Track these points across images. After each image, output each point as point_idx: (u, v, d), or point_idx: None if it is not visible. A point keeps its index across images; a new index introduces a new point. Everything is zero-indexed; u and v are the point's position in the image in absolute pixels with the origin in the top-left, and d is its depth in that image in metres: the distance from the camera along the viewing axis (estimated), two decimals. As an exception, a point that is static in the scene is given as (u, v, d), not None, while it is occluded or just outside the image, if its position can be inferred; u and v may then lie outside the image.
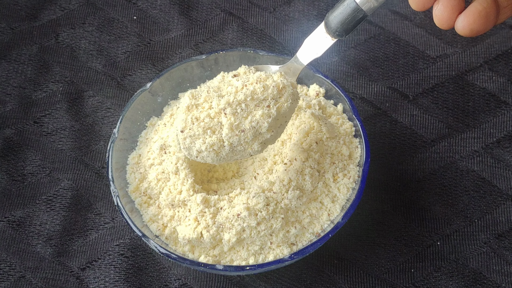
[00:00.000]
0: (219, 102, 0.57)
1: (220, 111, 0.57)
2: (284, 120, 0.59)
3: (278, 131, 0.59)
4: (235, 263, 0.60)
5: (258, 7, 0.84)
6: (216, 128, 0.57)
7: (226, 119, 0.57)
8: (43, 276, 0.65)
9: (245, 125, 0.57)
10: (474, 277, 0.64)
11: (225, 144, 0.57)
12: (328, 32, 0.58)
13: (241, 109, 0.57)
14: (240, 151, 0.58)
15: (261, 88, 0.58)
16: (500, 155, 0.71)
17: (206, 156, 0.58)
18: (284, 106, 0.58)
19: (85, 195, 0.70)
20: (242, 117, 0.57)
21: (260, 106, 0.57)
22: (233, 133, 0.57)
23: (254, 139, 0.57)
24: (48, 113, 0.76)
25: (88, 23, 0.84)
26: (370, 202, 0.68)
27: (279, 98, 0.58)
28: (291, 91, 0.59)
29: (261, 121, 0.57)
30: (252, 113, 0.57)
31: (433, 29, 0.81)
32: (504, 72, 0.77)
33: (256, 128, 0.57)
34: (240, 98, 0.57)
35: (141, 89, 0.67)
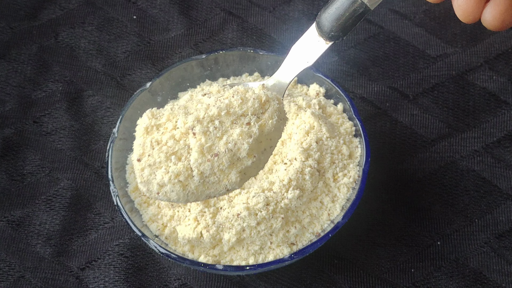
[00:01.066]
0: (186, 119, 0.46)
1: (187, 131, 0.46)
2: (269, 143, 0.49)
3: (262, 158, 0.49)
4: (235, 263, 0.60)
5: (257, 6, 0.84)
6: (182, 153, 0.46)
7: (195, 140, 0.46)
8: (42, 276, 0.65)
9: (219, 147, 0.46)
10: (475, 277, 0.64)
11: (194, 173, 0.46)
12: (321, 34, 0.48)
13: (214, 127, 0.46)
14: (214, 183, 0.47)
15: (238, 101, 0.47)
16: (501, 155, 0.71)
17: (170, 191, 0.47)
18: (269, 124, 0.48)
19: (84, 195, 0.70)
20: (216, 137, 0.46)
21: (237, 123, 0.46)
22: (204, 158, 0.46)
23: (231, 166, 0.46)
24: (48, 112, 0.76)
25: (88, 23, 0.83)
26: (370, 202, 0.67)
27: (262, 114, 0.48)
28: (276, 106, 0.49)
29: (239, 142, 0.46)
30: (228, 132, 0.46)
31: (433, 29, 0.81)
32: (504, 71, 0.77)
33: (234, 152, 0.46)
34: (213, 113, 0.47)
35: (141, 89, 0.67)
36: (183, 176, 0.46)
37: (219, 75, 0.71)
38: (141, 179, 0.48)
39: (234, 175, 0.47)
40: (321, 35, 0.48)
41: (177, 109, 0.48)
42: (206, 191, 0.47)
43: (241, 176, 0.47)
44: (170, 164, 0.46)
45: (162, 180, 0.47)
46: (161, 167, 0.47)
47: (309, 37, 0.49)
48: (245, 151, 0.46)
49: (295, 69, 0.51)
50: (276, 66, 0.69)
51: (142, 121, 0.50)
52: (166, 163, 0.47)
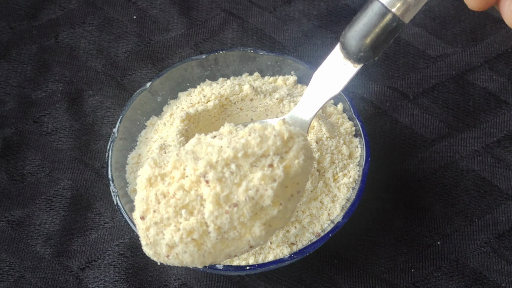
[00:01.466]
0: (196, 165, 0.39)
1: (198, 179, 0.39)
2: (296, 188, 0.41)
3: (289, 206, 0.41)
4: (235, 262, 0.59)
5: (258, 6, 0.84)
6: (194, 206, 0.39)
7: (208, 189, 0.38)
8: (42, 276, 0.65)
9: (238, 195, 0.38)
10: (475, 277, 0.64)
11: (210, 228, 0.38)
12: (347, 56, 0.42)
13: (230, 172, 0.38)
14: (234, 240, 0.39)
15: (257, 139, 0.39)
16: (501, 155, 0.71)
17: (182, 253, 0.39)
18: (295, 165, 0.40)
19: (84, 194, 0.70)
20: (233, 184, 0.38)
21: (258, 165, 0.39)
22: (221, 210, 0.38)
23: (253, 217, 0.39)
24: (48, 112, 0.76)
25: (88, 23, 0.83)
26: (370, 202, 0.67)
27: (286, 154, 0.40)
28: (302, 143, 0.41)
29: (262, 188, 0.38)
30: (247, 177, 0.39)
31: (433, 29, 0.81)
32: (504, 71, 0.77)
33: (256, 200, 0.38)
34: (228, 155, 0.39)
35: (141, 89, 0.67)
36: (197, 233, 0.39)
37: (219, 75, 0.71)
38: (146, 241, 0.41)
39: (258, 228, 0.39)
40: (347, 57, 0.42)
41: (184, 155, 0.41)
42: (226, 249, 0.40)
43: (266, 228, 0.39)
44: (181, 220, 0.39)
45: (172, 239, 0.39)
46: (170, 225, 0.39)
47: (334, 61, 0.43)
48: (270, 198, 0.38)
49: (319, 100, 0.44)
50: (276, 66, 0.69)
51: (144, 171, 0.42)
52: (175, 219, 0.39)
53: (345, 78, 0.43)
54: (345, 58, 0.42)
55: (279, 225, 0.41)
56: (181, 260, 0.40)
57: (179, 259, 0.39)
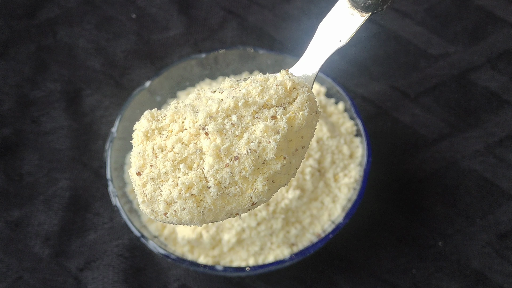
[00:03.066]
0: (195, 117, 0.37)
1: (198, 132, 0.37)
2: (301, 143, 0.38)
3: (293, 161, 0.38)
4: (235, 263, 0.59)
5: (257, 5, 0.84)
6: (193, 160, 0.36)
7: (208, 142, 0.36)
8: (41, 277, 0.65)
9: (240, 148, 0.36)
10: (476, 277, 0.64)
11: (210, 183, 0.36)
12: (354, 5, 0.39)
13: (231, 124, 0.36)
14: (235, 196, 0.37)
15: (258, 88, 0.37)
16: (503, 155, 0.71)
17: (181, 210, 0.36)
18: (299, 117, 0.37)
19: (83, 195, 0.69)
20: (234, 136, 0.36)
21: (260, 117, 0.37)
22: (221, 163, 0.36)
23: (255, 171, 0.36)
24: (46, 112, 0.75)
25: (86, 22, 0.83)
26: (371, 202, 0.67)
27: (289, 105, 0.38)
28: (306, 95, 0.38)
29: (264, 140, 0.36)
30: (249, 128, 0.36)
31: (435, 27, 0.80)
32: (506, 71, 0.77)
33: (258, 153, 0.36)
34: (228, 105, 0.37)
35: (140, 88, 0.67)
36: (196, 188, 0.36)
37: (219, 74, 0.70)
38: (143, 198, 0.38)
39: (260, 183, 0.36)
40: (354, 5, 0.39)
41: (183, 107, 0.38)
42: (227, 206, 0.37)
43: (269, 184, 0.36)
44: (179, 175, 0.36)
45: (170, 195, 0.36)
46: (167, 180, 0.37)
47: (339, 11, 0.40)
48: (273, 151, 0.36)
49: (325, 52, 0.40)
50: (276, 65, 0.69)
51: (140, 125, 0.40)
52: (173, 174, 0.37)
53: (352, 28, 0.40)
54: (352, 7, 0.40)
55: (283, 182, 0.38)
56: (179, 218, 0.37)
57: (178, 216, 0.37)
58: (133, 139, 0.39)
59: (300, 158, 0.38)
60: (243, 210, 0.37)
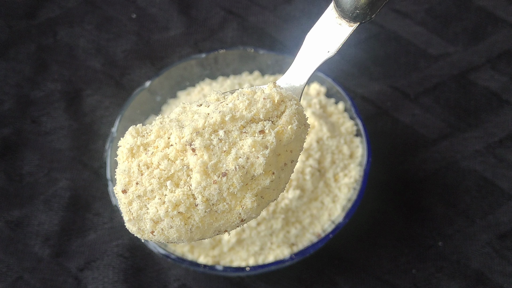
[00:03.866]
0: (181, 133, 0.36)
1: (184, 148, 0.36)
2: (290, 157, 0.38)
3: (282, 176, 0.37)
4: (235, 263, 0.59)
5: (258, 5, 0.84)
6: (180, 177, 0.36)
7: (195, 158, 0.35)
8: (41, 277, 0.65)
9: (228, 164, 0.35)
10: (476, 277, 0.64)
11: (197, 200, 0.35)
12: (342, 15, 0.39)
13: (218, 139, 0.35)
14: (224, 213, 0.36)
15: (245, 102, 0.37)
16: (503, 155, 0.71)
17: (168, 228, 0.36)
18: (288, 131, 0.36)
19: (83, 195, 0.69)
20: (221, 152, 0.35)
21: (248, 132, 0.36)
22: (209, 180, 0.35)
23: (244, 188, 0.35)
24: (46, 112, 0.75)
25: (87, 22, 0.83)
26: (371, 202, 0.67)
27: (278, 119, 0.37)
28: (294, 108, 0.38)
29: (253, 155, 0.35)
30: (236, 144, 0.36)
31: (435, 28, 0.80)
32: (506, 71, 0.77)
33: (246, 169, 0.35)
34: (215, 120, 0.36)
35: (140, 88, 0.67)
36: (183, 206, 0.35)
37: (219, 74, 0.70)
38: (129, 216, 0.36)
39: (249, 199, 0.36)
40: (342, 15, 0.39)
41: (168, 122, 0.37)
42: (215, 223, 0.36)
43: (258, 200, 0.36)
44: (166, 192, 0.36)
45: (157, 214, 0.35)
46: (154, 197, 0.36)
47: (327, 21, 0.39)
48: (261, 166, 0.35)
49: (313, 63, 0.40)
50: (276, 65, 0.69)
51: (125, 141, 0.38)
52: (160, 192, 0.36)
53: (340, 39, 0.39)
54: (340, 17, 0.39)
55: (272, 197, 0.37)
56: (167, 236, 0.36)
57: (165, 235, 0.36)
58: (118, 155, 0.38)
59: (289, 172, 0.38)
60: (232, 227, 0.36)
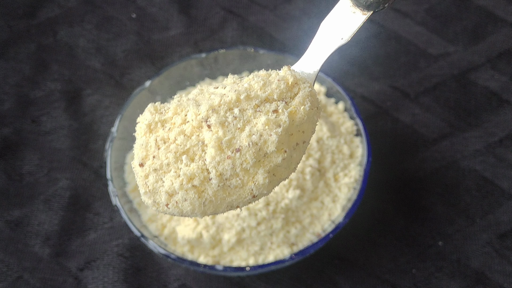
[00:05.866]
0: (197, 110, 0.38)
1: (200, 124, 0.38)
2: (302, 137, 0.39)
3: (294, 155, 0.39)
4: (235, 263, 0.59)
5: (258, 5, 0.84)
6: (195, 152, 0.38)
7: (210, 134, 0.37)
8: (41, 277, 0.65)
9: (241, 140, 0.37)
10: (476, 277, 0.64)
11: (211, 175, 0.37)
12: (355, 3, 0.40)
13: (233, 117, 0.37)
14: (236, 188, 0.38)
15: (260, 83, 0.39)
16: (503, 155, 0.71)
17: (182, 201, 0.37)
18: (300, 112, 0.38)
19: (83, 194, 0.69)
20: (236, 129, 0.37)
21: (262, 110, 0.38)
22: (223, 155, 0.37)
23: (257, 164, 0.37)
24: (46, 112, 0.75)
25: (87, 21, 0.83)
26: (371, 202, 0.67)
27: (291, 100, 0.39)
28: (308, 90, 0.40)
29: (266, 133, 0.37)
30: (250, 122, 0.37)
31: (435, 27, 0.80)
32: (506, 70, 0.77)
33: (259, 146, 0.37)
34: (230, 99, 0.38)
35: (140, 88, 0.67)
36: (198, 179, 0.37)
37: (219, 74, 0.70)
38: (145, 189, 0.38)
39: (261, 175, 0.37)
40: (356, 4, 0.41)
41: (186, 101, 0.39)
42: (227, 198, 0.37)
43: (269, 177, 0.37)
44: (181, 166, 0.37)
45: (172, 186, 0.37)
46: (169, 171, 0.38)
47: (341, 9, 0.41)
48: (274, 144, 0.37)
49: (326, 50, 0.42)
50: (276, 65, 0.69)
51: (144, 118, 0.41)
52: (176, 165, 0.37)
53: (353, 27, 0.41)
54: (354, 6, 0.41)
55: (283, 176, 0.39)
56: (180, 209, 0.38)
57: (179, 208, 0.38)
58: (136, 131, 0.41)
59: (301, 152, 0.39)
60: (244, 202, 0.38)
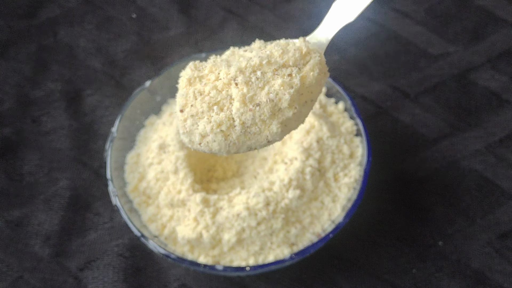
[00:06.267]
0: (228, 70, 0.48)
1: (229, 82, 0.47)
2: (310, 96, 0.49)
3: (303, 111, 0.49)
4: (235, 263, 0.59)
5: (258, 5, 0.84)
6: (224, 104, 0.47)
7: (237, 90, 0.47)
8: (41, 277, 0.65)
9: (261, 97, 0.47)
10: (476, 277, 0.64)
11: (235, 123, 0.47)
12: None
13: (256, 78, 0.47)
14: (255, 134, 0.48)
15: (279, 51, 0.48)
16: (503, 154, 0.71)
17: (212, 141, 0.47)
18: (310, 76, 0.48)
19: (83, 194, 0.70)
20: (257, 88, 0.47)
21: (279, 74, 0.47)
22: (246, 108, 0.47)
23: (272, 116, 0.47)
24: (46, 112, 0.76)
25: (87, 22, 0.83)
26: (371, 202, 0.67)
27: (303, 66, 0.49)
28: (317, 59, 0.49)
29: (281, 92, 0.47)
30: (269, 82, 0.47)
31: (435, 27, 0.80)
32: (506, 70, 0.77)
33: (275, 102, 0.46)
34: (254, 63, 0.48)
35: (140, 88, 0.67)
36: (225, 125, 0.47)
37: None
38: (183, 130, 0.48)
39: (275, 125, 0.47)
40: None
41: (220, 61, 0.49)
42: (248, 141, 0.48)
43: (282, 127, 0.47)
44: (213, 114, 0.47)
45: (204, 130, 0.47)
46: (203, 117, 0.47)
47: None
48: (286, 101, 0.46)
49: (336, 25, 0.52)
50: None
51: (185, 73, 0.50)
52: (208, 113, 0.47)
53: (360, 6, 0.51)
54: None
55: (293, 127, 0.49)
56: (210, 148, 0.48)
57: (209, 147, 0.48)
58: (179, 83, 0.49)
59: (309, 108, 0.49)
60: (260, 146, 0.48)
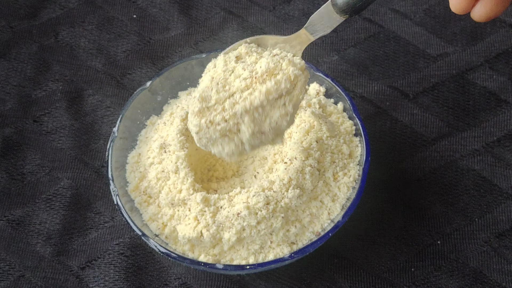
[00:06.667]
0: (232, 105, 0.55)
1: (235, 114, 0.55)
2: (297, 107, 0.58)
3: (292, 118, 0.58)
4: (235, 262, 0.60)
5: (258, 5, 0.84)
6: (233, 130, 0.56)
7: (245, 127, 0.56)
8: (42, 275, 0.65)
9: (265, 127, 0.56)
10: (475, 276, 0.64)
11: (246, 146, 0.56)
12: (335, 10, 0.55)
13: (258, 114, 0.55)
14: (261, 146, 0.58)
15: (273, 86, 0.55)
16: (501, 154, 0.71)
17: (225, 156, 0.57)
18: (299, 99, 0.56)
19: (84, 194, 0.70)
20: (261, 121, 0.56)
21: (276, 106, 0.56)
22: (254, 136, 0.56)
23: (275, 137, 0.57)
24: (48, 112, 0.76)
25: (88, 22, 0.83)
26: (370, 201, 0.67)
27: (293, 90, 0.56)
28: (303, 81, 0.57)
29: (279, 121, 0.56)
30: (269, 115, 0.56)
31: (434, 28, 0.81)
32: (504, 71, 0.77)
33: (276, 129, 0.56)
34: (256, 103, 0.55)
35: (141, 88, 0.67)
36: (237, 149, 0.57)
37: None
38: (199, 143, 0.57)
39: (277, 140, 0.57)
40: (336, 11, 0.55)
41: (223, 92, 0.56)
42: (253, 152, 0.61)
43: (281, 138, 0.58)
44: (225, 141, 0.56)
45: (219, 151, 0.57)
46: (216, 144, 0.56)
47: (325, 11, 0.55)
48: (285, 126, 0.56)
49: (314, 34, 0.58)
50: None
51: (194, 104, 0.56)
52: (221, 140, 0.56)
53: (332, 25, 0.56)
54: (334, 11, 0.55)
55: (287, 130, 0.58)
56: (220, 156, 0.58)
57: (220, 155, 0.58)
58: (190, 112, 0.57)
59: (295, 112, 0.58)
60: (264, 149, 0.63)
